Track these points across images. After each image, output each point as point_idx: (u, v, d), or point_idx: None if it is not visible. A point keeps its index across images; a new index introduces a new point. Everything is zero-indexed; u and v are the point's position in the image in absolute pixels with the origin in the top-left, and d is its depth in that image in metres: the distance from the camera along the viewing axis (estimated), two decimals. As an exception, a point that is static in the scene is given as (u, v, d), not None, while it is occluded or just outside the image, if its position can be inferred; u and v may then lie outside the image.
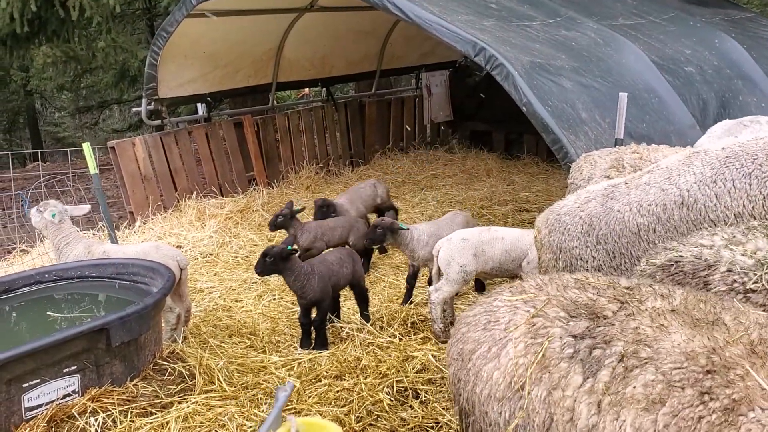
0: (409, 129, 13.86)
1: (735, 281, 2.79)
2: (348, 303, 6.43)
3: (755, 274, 2.77)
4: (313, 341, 5.58)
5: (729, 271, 2.84)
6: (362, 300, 6.09)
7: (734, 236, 3.04)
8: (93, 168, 7.26)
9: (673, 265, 3.03)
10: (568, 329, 2.46)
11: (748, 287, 2.75)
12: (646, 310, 2.42)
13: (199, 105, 11.57)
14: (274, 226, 7.17)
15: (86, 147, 7.26)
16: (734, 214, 3.54)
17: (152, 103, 10.48)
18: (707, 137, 6.16)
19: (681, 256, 3.04)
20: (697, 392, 2.08)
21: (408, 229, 6.22)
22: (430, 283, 6.37)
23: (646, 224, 3.82)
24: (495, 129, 13.90)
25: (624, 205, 3.97)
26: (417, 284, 6.64)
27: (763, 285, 2.75)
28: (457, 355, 2.81)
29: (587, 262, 3.98)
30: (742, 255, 2.90)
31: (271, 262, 5.36)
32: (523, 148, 13.42)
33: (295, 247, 5.67)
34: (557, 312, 2.55)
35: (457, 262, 5.51)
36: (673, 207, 3.75)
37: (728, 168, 3.67)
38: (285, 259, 5.37)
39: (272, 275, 5.82)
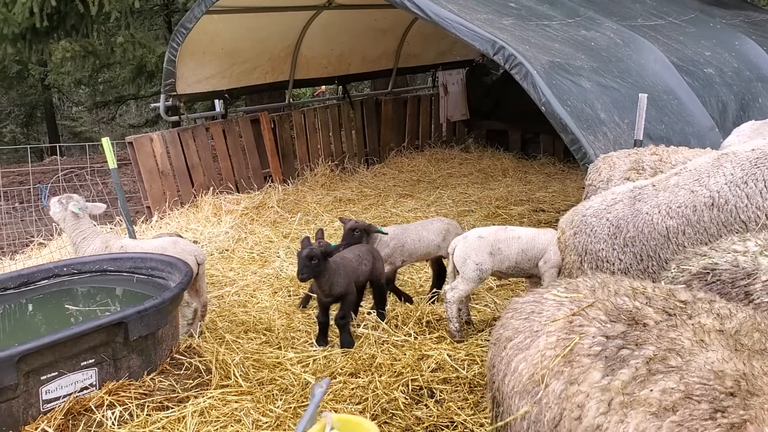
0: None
1: None
2: (362, 301, 6.43)
3: None
4: (339, 338, 5.55)
5: None
6: (379, 298, 6.05)
7: None
8: (112, 162, 7.30)
9: (709, 273, 2.95)
10: (603, 330, 2.42)
11: None
12: (691, 324, 2.34)
13: (216, 101, 11.61)
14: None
15: (105, 142, 7.30)
16: (765, 215, 3.49)
17: (170, 99, 10.54)
18: (736, 136, 6.10)
19: (716, 264, 2.96)
20: (712, 409, 2.02)
21: (387, 233, 6.22)
22: (396, 291, 6.41)
23: (676, 226, 3.77)
24: (511, 128, 13.87)
25: (652, 207, 3.92)
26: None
27: None
28: (496, 340, 2.79)
29: (613, 264, 3.93)
30: None
31: (316, 264, 5.22)
32: (539, 147, 13.37)
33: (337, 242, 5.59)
34: (598, 314, 2.50)
35: (473, 260, 5.48)
36: (704, 208, 3.71)
37: (759, 169, 3.63)
38: (326, 259, 5.30)
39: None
